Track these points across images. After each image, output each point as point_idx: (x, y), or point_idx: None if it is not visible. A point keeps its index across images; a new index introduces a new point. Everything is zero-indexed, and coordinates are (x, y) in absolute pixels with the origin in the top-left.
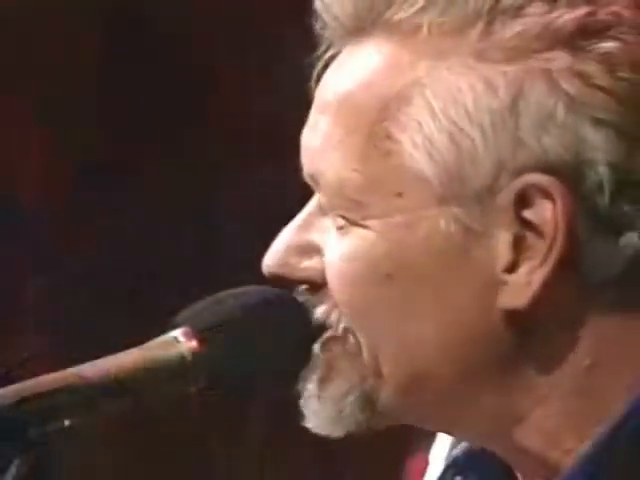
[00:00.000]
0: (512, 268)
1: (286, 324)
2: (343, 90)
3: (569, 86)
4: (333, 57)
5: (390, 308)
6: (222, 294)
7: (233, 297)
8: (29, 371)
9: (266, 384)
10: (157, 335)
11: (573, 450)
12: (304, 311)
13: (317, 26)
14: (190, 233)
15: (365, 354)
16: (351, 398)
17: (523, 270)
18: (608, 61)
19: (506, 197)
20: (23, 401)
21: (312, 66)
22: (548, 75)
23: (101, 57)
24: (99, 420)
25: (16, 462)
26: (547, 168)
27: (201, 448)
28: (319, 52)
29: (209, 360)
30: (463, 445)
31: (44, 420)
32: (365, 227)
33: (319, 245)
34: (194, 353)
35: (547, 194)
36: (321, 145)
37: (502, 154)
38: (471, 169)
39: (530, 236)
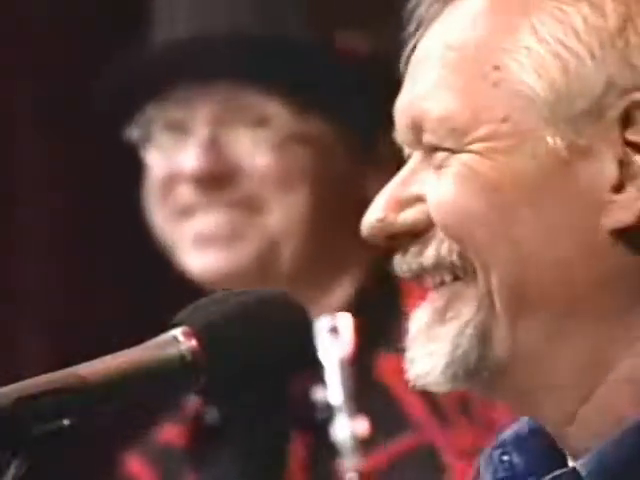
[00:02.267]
0: (618, 187)
1: (286, 324)
2: (448, 36)
3: None
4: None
5: (495, 223)
6: (222, 293)
7: (233, 296)
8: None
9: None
10: (157, 334)
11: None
12: (304, 311)
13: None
14: None
15: (479, 278)
16: (469, 331)
17: (630, 188)
18: None
19: (612, 115)
20: (23, 401)
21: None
22: None
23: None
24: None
25: (16, 462)
26: None
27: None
28: (411, 30)
29: (209, 359)
30: (512, 428)
31: (44, 420)
32: (469, 151)
33: (419, 194)
34: (194, 352)
35: None
36: (426, 88)
37: (611, 75)
38: (579, 87)
39: (635, 156)
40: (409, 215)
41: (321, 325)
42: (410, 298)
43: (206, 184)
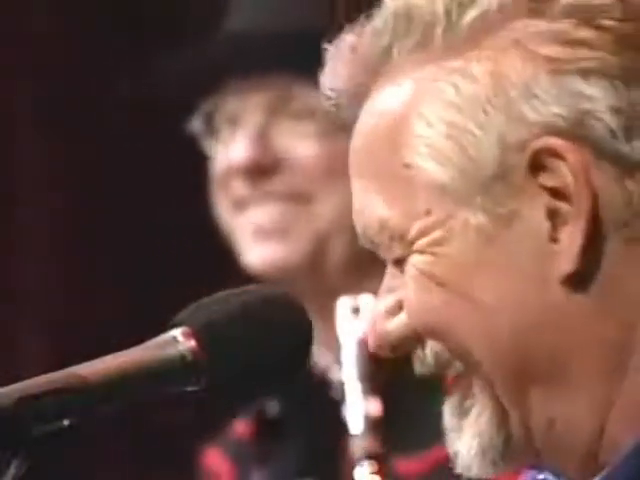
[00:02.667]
0: (554, 238)
1: (286, 323)
2: (359, 144)
3: (542, 48)
4: None
5: (459, 315)
6: (222, 293)
7: (234, 296)
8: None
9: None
10: (157, 334)
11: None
12: (304, 310)
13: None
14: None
15: (469, 364)
16: (484, 419)
17: (563, 236)
18: (577, 14)
19: (521, 173)
20: (23, 401)
21: None
22: (518, 45)
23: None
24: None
25: (16, 462)
26: (550, 132)
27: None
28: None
29: (209, 360)
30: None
31: (44, 420)
32: (414, 252)
33: (401, 300)
34: (194, 353)
35: (557, 155)
36: (359, 205)
37: (502, 134)
38: (478, 159)
39: (558, 203)
40: (395, 325)
41: (343, 304)
42: None
43: (254, 176)
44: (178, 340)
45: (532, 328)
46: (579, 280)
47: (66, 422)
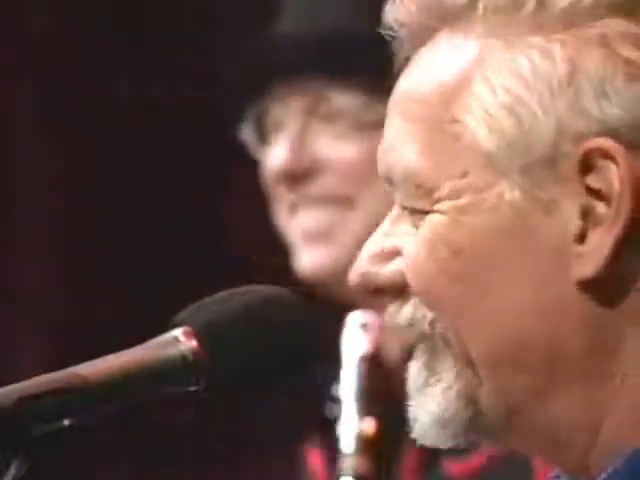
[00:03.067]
0: (582, 238)
1: (288, 323)
2: (410, 87)
3: (626, 51)
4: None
5: (466, 287)
6: (223, 293)
7: (236, 296)
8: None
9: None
10: (157, 334)
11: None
12: (306, 310)
13: (391, 39)
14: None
15: (454, 342)
16: (453, 393)
17: (592, 238)
18: None
19: (570, 164)
20: (23, 401)
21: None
22: (605, 41)
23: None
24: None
25: (16, 462)
26: (610, 134)
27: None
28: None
29: (210, 360)
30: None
31: (44, 420)
32: (436, 212)
33: (399, 248)
34: (194, 353)
35: (609, 157)
36: (390, 142)
37: (563, 122)
38: (532, 138)
39: (597, 204)
40: (389, 270)
41: (352, 319)
42: None
43: (293, 180)
44: (179, 340)
45: (536, 320)
46: (596, 285)
47: (66, 422)
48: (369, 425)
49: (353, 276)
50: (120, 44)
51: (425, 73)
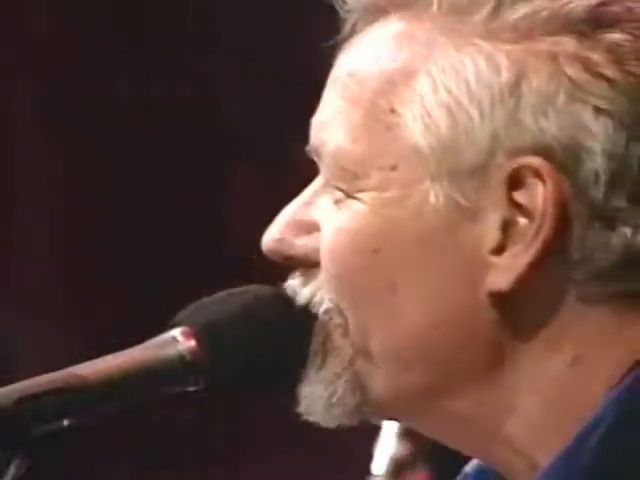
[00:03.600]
0: (499, 250)
1: (287, 323)
2: (352, 65)
3: (573, 72)
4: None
5: (375, 283)
6: (221, 293)
7: (233, 296)
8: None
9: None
10: (157, 334)
11: (556, 449)
12: (305, 310)
13: (341, 10)
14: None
15: (352, 332)
16: (343, 380)
17: (510, 252)
18: (615, 52)
19: (499, 176)
20: (23, 401)
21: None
22: (553, 58)
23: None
24: None
25: (16, 462)
26: (543, 152)
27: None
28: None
29: (208, 360)
30: (474, 462)
31: (44, 420)
32: (359, 200)
33: (318, 222)
34: (193, 353)
35: (539, 176)
36: (326, 117)
37: (498, 132)
38: (466, 144)
39: (519, 219)
40: (303, 243)
41: None
42: None
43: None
44: (178, 340)
45: (440, 324)
46: (505, 299)
47: (66, 422)
48: (403, 449)
49: (268, 240)
50: (120, 44)
51: (370, 56)
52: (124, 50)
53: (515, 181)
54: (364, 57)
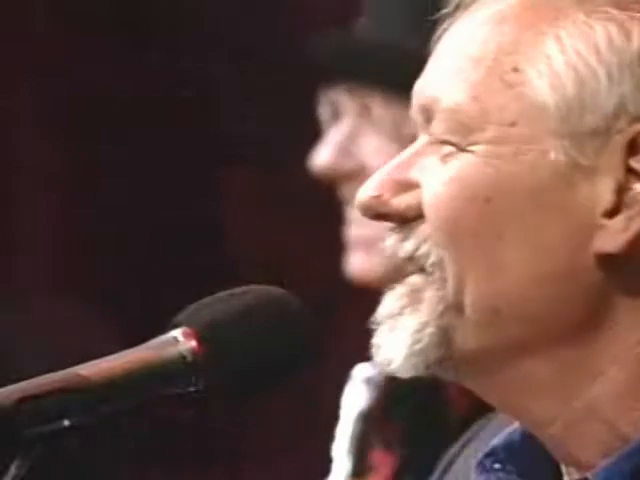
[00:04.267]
0: (612, 213)
1: (287, 323)
2: (474, 28)
3: None
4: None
5: (483, 233)
6: (223, 293)
7: (234, 296)
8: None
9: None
10: (157, 335)
11: None
12: (305, 311)
13: None
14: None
15: (450, 284)
16: (429, 330)
17: (623, 216)
18: None
19: (619, 140)
20: (23, 401)
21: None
22: None
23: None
24: None
25: (15, 462)
26: None
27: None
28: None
29: (209, 360)
30: (503, 435)
31: (46, 420)
32: (472, 152)
33: (417, 181)
34: (194, 353)
35: None
36: (443, 75)
37: (624, 98)
38: (591, 105)
39: (634, 185)
40: (403, 200)
41: (359, 370)
42: None
43: (335, 182)
44: (178, 340)
45: (544, 280)
46: (611, 262)
47: (66, 422)
48: None
49: (363, 196)
50: (120, 44)
51: (493, 19)
52: (124, 50)
53: (634, 147)
54: (488, 23)
